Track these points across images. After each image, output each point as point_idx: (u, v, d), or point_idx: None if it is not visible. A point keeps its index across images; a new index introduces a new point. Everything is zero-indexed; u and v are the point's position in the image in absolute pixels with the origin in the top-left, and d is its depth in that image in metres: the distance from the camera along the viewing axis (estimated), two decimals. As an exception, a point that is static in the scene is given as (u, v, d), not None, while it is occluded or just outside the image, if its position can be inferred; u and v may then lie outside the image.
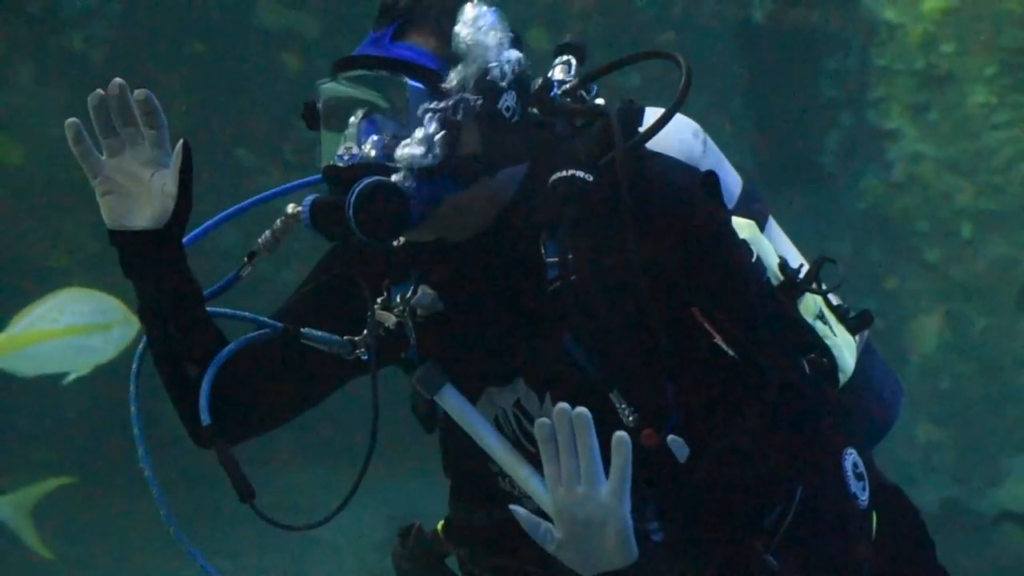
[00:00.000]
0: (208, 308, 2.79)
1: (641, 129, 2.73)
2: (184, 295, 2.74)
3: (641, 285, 2.62)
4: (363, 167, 2.62)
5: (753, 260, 2.76)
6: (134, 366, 2.81)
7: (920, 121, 8.57)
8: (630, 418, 2.65)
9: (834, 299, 2.94)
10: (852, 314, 2.93)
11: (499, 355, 2.74)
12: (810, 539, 2.71)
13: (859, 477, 2.73)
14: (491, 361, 2.75)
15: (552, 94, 2.78)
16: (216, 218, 2.85)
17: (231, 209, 2.88)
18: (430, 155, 2.63)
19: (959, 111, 8.52)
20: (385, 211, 2.61)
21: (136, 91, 2.68)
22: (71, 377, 6.09)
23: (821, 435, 2.69)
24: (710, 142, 2.91)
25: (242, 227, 3.15)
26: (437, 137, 2.62)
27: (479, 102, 2.65)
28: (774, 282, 2.81)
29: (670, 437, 2.65)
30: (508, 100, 2.68)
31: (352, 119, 2.66)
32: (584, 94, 2.81)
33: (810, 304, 2.85)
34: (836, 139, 8.56)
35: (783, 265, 2.84)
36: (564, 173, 2.66)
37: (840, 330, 2.89)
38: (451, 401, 2.75)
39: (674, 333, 2.65)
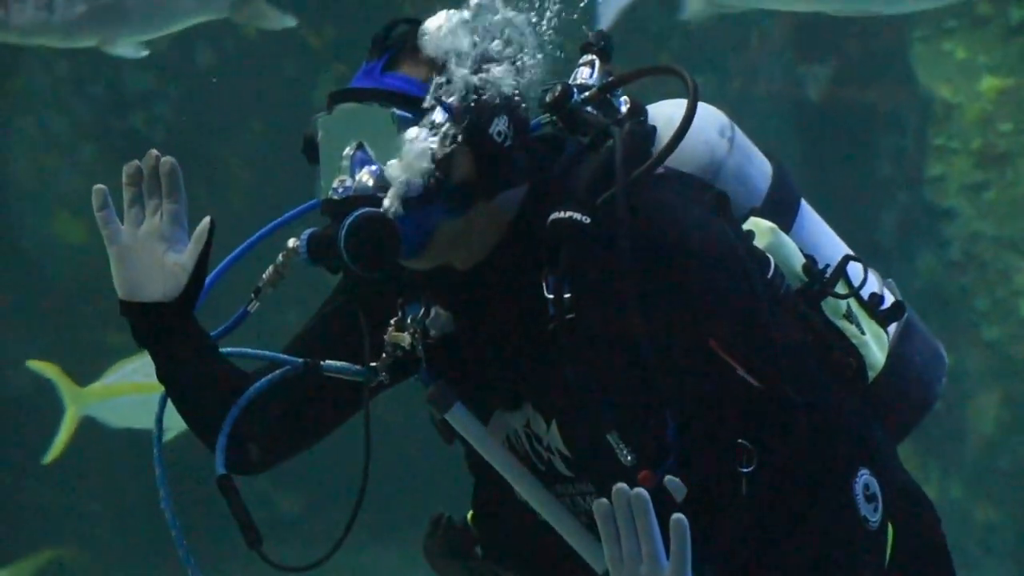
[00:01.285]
0: (227, 349, 2.82)
1: (654, 149, 2.70)
2: (196, 360, 2.78)
3: (638, 328, 2.61)
4: (356, 199, 2.63)
5: (770, 275, 2.72)
6: (158, 409, 2.85)
7: (977, 200, 8.55)
8: (628, 458, 2.64)
9: (875, 284, 2.88)
10: (885, 305, 2.87)
11: (506, 381, 2.75)
12: (816, 564, 2.67)
13: (870, 499, 2.68)
14: (499, 386, 2.76)
15: (572, 100, 2.76)
16: (225, 261, 2.84)
17: (239, 249, 2.86)
18: (421, 184, 2.63)
19: (1017, 190, 8.50)
20: (376, 242, 2.61)
21: (163, 159, 2.72)
22: (172, 435, 6.09)
23: (833, 461, 2.67)
24: (738, 136, 2.86)
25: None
26: (427, 165, 2.63)
27: (469, 128, 2.64)
28: (796, 285, 2.77)
29: (667, 478, 2.64)
30: (499, 124, 2.67)
31: (347, 151, 2.67)
32: (610, 97, 2.78)
33: (836, 303, 2.80)
34: (893, 218, 8.55)
35: (808, 267, 2.80)
36: (561, 214, 2.65)
37: (870, 325, 2.84)
38: (462, 420, 2.76)
39: (684, 370, 2.63)
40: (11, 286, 7.90)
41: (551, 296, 2.64)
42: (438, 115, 2.64)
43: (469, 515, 2.93)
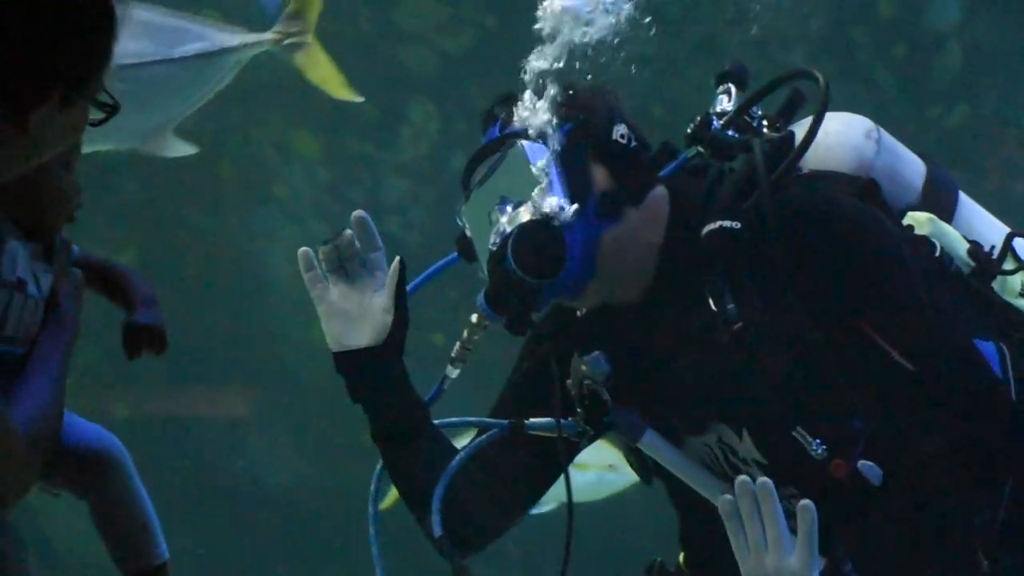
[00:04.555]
0: (436, 421, 2.89)
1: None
2: (409, 412, 2.84)
3: (806, 321, 2.63)
4: (511, 230, 2.70)
5: (937, 254, 2.75)
6: (372, 487, 2.89)
7: None
8: (818, 451, 2.66)
9: None
10: None
11: (691, 407, 2.78)
12: None
13: None
14: (685, 413, 2.79)
15: (712, 127, 2.81)
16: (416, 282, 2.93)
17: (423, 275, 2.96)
18: (567, 201, 2.69)
19: None
20: (540, 243, 2.67)
21: (354, 213, 2.85)
22: (544, 508, 6.13)
23: (1006, 443, 2.64)
24: (885, 138, 2.89)
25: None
26: (568, 183, 2.70)
27: (594, 141, 2.72)
28: (965, 270, 2.79)
29: (861, 463, 2.63)
30: (620, 129, 2.75)
31: (493, 216, 2.74)
32: (748, 118, 2.84)
33: (1011, 282, 2.81)
34: None
35: (973, 251, 2.81)
36: (713, 226, 2.70)
37: None
38: (654, 445, 2.80)
39: (852, 354, 2.64)
40: (270, 389, 8.08)
41: (716, 309, 2.68)
42: (562, 137, 2.73)
43: (681, 558, 2.93)
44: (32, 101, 2.03)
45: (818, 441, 2.67)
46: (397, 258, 2.84)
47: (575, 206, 2.70)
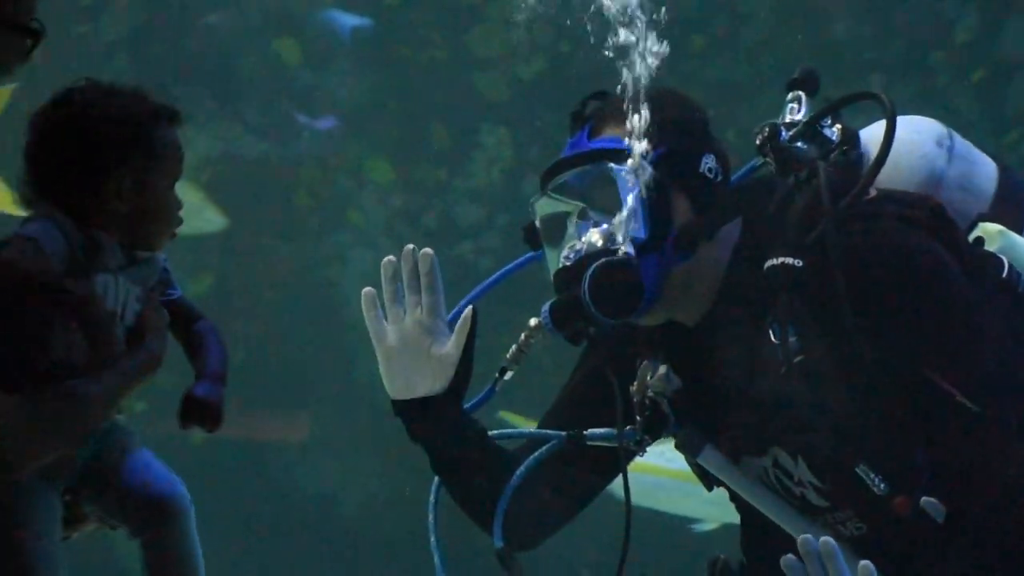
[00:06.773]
0: (493, 432, 2.89)
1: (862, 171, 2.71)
2: (467, 448, 2.85)
3: (866, 359, 2.60)
4: (588, 256, 2.68)
5: (1004, 274, 2.71)
6: (431, 497, 2.92)
7: None
8: (880, 487, 2.64)
9: None
10: None
11: (749, 429, 2.76)
12: None
13: None
14: (743, 434, 2.77)
15: (780, 138, 2.79)
16: (468, 297, 2.91)
17: (476, 289, 2.93)
18: (647, 228, 2.68)
19: None
20: (619, 286, 2.66)
21: (421, 252, 2.82)
22: (706, 527, 6.05)
23: None
24: (957, 144, 2.86)
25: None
26: (649, 212, 2.68)
27: (681, 170, 2.70)
28: None
29: (923, 499, 2.60)
30: (708, 162, 2.72)
31: (569, 225, 2.72)
32: (819, 128, 2.81)
33: None
34: None
35: None
36: (775, 261, 2.68)
37: None
38: (713, 460, 2.79)
39: (914, 395, 2.62)
40: (345, 413, 8.11)
41: (777, 342, 2.67)
42: (649, 164, 2.70)
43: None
44: None
45: (880, 478, 2.64)
46: (470, 307, 2.82)
47: (654, 239, 2.70)
